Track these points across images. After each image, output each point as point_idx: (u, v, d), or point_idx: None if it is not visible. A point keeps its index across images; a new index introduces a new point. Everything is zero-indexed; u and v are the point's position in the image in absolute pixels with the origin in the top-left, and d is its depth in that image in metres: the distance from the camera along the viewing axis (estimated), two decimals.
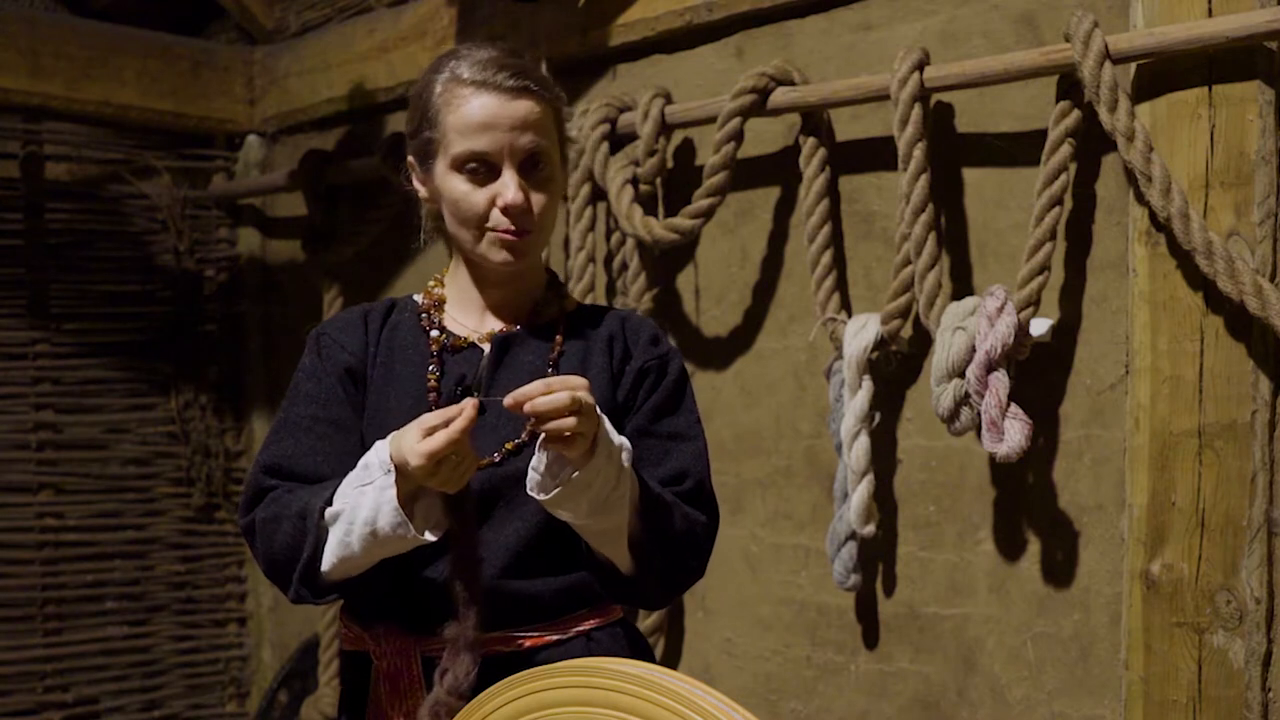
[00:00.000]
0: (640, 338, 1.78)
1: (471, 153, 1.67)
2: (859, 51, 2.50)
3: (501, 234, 1.69)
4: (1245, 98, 1.98)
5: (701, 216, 2.59)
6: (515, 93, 1.67)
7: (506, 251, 1.70)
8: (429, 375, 1.72)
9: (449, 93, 1.68)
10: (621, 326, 1.79)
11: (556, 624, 1.70)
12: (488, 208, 1.68)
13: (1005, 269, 2.28)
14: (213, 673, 4.01)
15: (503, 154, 1.67)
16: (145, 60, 3.75)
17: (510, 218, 1.68)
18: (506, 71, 1.67)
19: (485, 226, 1.69)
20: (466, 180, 1.68)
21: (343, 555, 1.60)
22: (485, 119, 1.66)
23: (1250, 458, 2.00)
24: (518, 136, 1.67)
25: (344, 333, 1.77)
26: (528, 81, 1.68)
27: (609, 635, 1.75)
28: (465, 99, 1.67)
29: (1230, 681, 2.01)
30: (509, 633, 1.67)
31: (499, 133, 1.66)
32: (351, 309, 1.84)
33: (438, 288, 1.82)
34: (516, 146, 1.67)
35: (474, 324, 1.77)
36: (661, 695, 1.35)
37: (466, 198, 1.68)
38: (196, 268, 3.96)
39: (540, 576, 1.69)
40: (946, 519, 2.40)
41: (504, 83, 1.66)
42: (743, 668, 2.74)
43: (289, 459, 1.70)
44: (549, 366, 1.74)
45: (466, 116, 1.66)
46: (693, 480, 1.71)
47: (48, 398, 3.73)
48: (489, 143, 1.66)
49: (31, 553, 3.69)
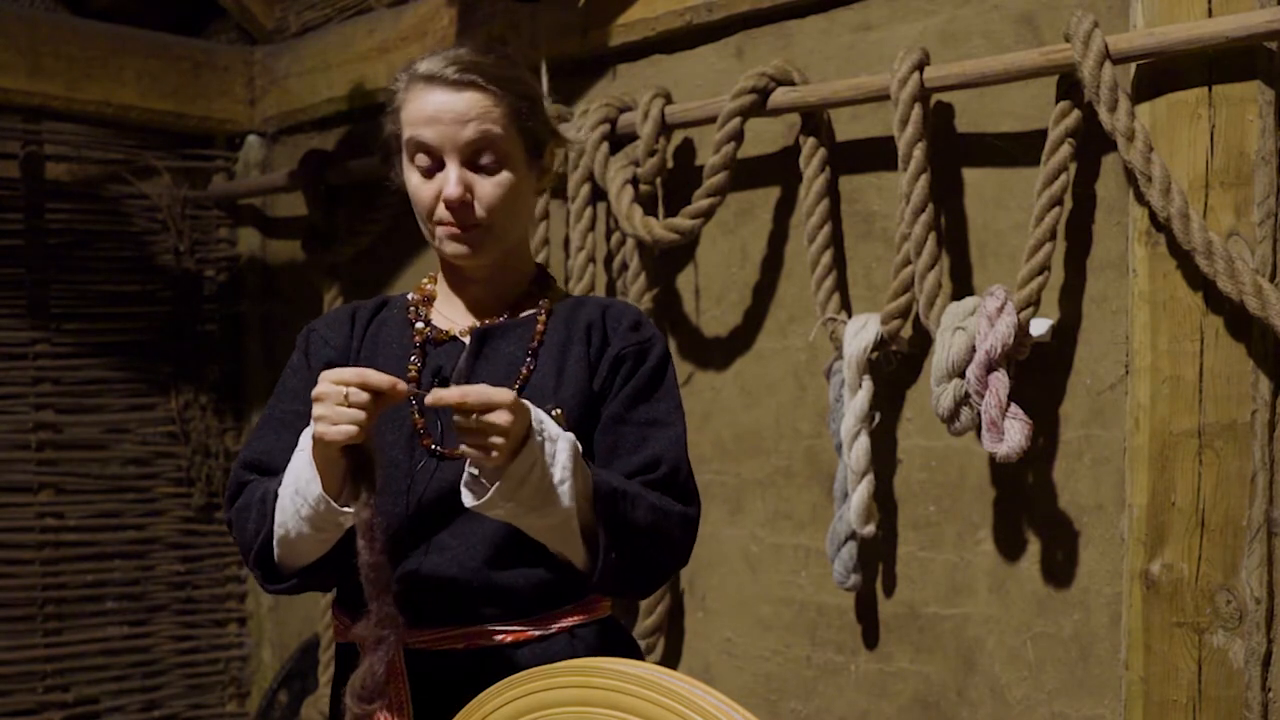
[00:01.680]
0: (621, 324, 1.76)
1: (418, 143, 1.69)
2: (859, 51, 2.50)
3: (447, 227, 1.70)
4: (1245, 98, 1.98)
5: (701, 216, 2.59)
6: (460, 85, 1.68)
7: (455, 244, 1.71)
8: (410, 366, 1.72)
9: (407, 88, 1.71)
10: (602, 315, 1.77)
11: (537, 620, 1.68)
12: (434, 201, 1.70)
13: (1005, 269, 2.28)
14: (213, 673, 4.00)
15: (445, 146, 1.68)
16: (145, 60, 3.74)
17: (450, 211, 1.69)
18: (456, 66, 1.69)
19: (434, 220, 1.71)
20: (418, 173, 1.71)
21: (280, 523, 1.60)
22: (432, 111, 1.68)
23: (1250, 458, 2.00)
24: (460, 129, 1.68)
25: (330, 329, 1.79)
26: (474, 75, 1.69)
27: (594, 633, 1.73)
28: (418, 92, 1.70)
29: (1230, 681, 2.01)
30: (488, 628, 1.66)
31: (442, 125, 1.68)
32: (343, 306, 1.86)
33: (430, 284, 1.83)
34: (460, 139, 1.68)
35: (458, 318, 1.78)
36: (661, 695, 1.35)
37: (416, 190, 1.72)
38: (196, 268, 3.96)
39: (522, 568, 1.67)
40: (946, 519, 2.40)
41: (450, 75, 1.68)
42: (743, 668, 2.74)
43: (268, 454, 1.72)
44: (527, 357, 1.73)
45: (417, 109, 1.69)
46: (666, 466, 1.68)
47: (48, 398, 3.73)
48: (433, 135, 1.68)
49: (32, 553, 3.69)
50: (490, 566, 1.66)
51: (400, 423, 1.70)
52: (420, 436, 1.68)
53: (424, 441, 1.68)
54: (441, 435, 1.68)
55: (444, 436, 1.67)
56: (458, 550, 1.66)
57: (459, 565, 1.66)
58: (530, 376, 1.72)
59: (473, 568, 1.66)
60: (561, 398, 1.70)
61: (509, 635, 1.67)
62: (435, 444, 1.68)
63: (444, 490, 1.66)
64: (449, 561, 1.66)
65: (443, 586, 1.66)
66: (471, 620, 1.66)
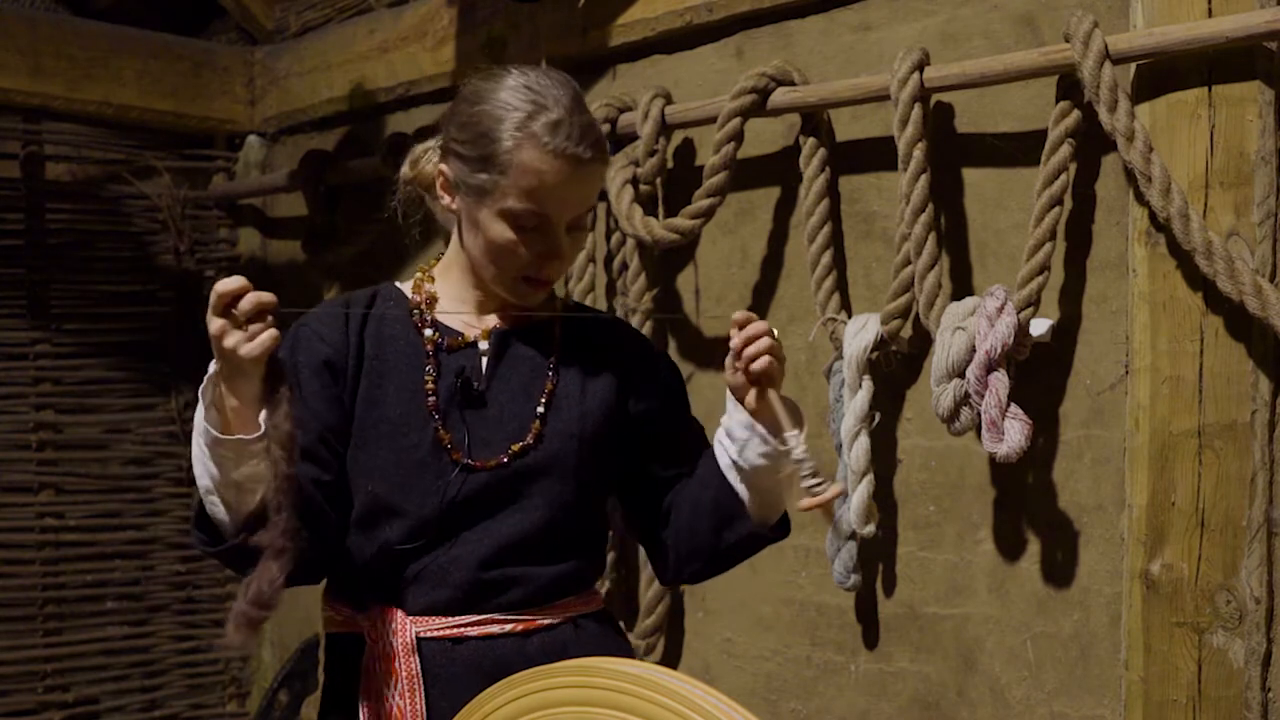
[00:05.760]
0: (642, 347, 1.90)
1: (533, 213, 1.67)
2: (859, 51, 2.50)
3: (530, 279, 1.72)
4: (1245, 98, 1.98)
5: (701, 217, 2.59)
6: (589, 164, 1.68)
7: (529, 293, 1.74)
8: (426, 376, 1.73)
9: (522, 149, 1.64)
10: (620, 333, 1.89)
11: (547, 609, 1.76)
12: (527, 258, 1.70)
13: (1005, 269, 2.28)
14: (213, 673, 4.01)
15: (557, 217, 1.69)
16: (146, 60, 3.75)
17: (548, 269, 1.72)
18: (585, 143, 1.66)
19: (520, 273, 1.71)
20: (513, 230, 1.68)
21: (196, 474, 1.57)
22: (556, 187, 1.66)
23: (1250, 458, 2.00)
24: (577, 202, 1.70)
25: (324, 325, 1.76)
26: (601, 152, 1.70)
27: (594, 622, 1.82)
28: (539, 164, 1.64)
29: (1230, 681, 2.01)
30: (499, 616, 1.73)
31: (564, 200, 1.68)
32: (334, 301, 1.83)
33: (428, 283, 1.81)
34: (574, 212, 1.70)
35: (469, 319, 1.79)
36: (661, 695, 1.36)
37: (510, 247, 1.69)
38: (196, 268, 3.96)
39: (537, 564, 1.75)
40: (946, 519, 2.40)
41: (582, 155, 1.66)
42: (743, 668, 2.74)
43: None
44: (549, 370, 1.78)
45: (539, 183, 1.65)
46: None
47: (48, 398, 3.73)
48: (551, 206, 1.67)
49: (32, 553, 3.69)
50: (509, 561, 1.73)
51: (420, 427, 1.72)
52: (449, 450, 1.72)
53: (454, 455, 1.72)
54: (469, 448, 1.72)
55: (471, 449, 1.72)
56: (480, 546, 1.72)
57: (480, 559, 1.72)
58: (556, 387, 1.78)
59: (492, 562, 1.72)
60: (587, 408, 1.79)
61: (519, 624, 1.74)
62: (466, 455, 1.72)
63: (473, 496, 1.72)
64: (470, 555, 1.72)
65: (462, 578, 1.72)
66: (486, 609, 1.72)
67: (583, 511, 1.79)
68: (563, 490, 1.76)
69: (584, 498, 1.79)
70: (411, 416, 1.72)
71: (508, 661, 1.68)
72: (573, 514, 1.77)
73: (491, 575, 1.72)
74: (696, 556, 1.81)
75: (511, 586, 1.73)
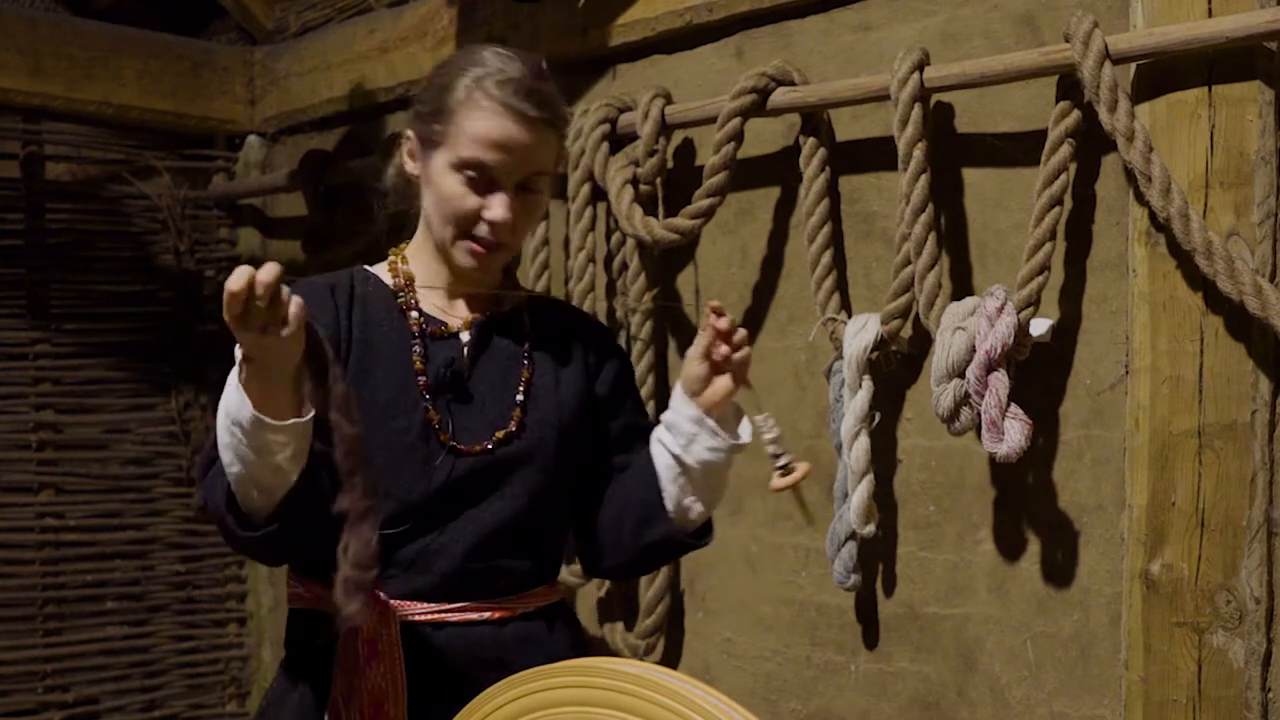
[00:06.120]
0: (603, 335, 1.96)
1: (478, 162, 1.71)
2: (859, 51, 2.50)
3: (477, 242, 1.74)
4: (1245, 98, 1.98)
5: (701, 216, 2.59)
6: (535, 123, 1.71)
7: (474, 259, 1.76)
8: (415, 358, 1.76)
9: (472, 100, 1.70)
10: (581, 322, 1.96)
11: (519, 598, 1.80)
12: (475, 215, 1.73)
13: (1005, 269, 2.28)
14: (213, 673, 4.00)
15: (503, 174, 1.72)
16: (146, 60, 3.74)
17: (492, 230, 1.73)
18: (535, 102, 1.70)
19: (466, 231, 1.74)
20: (463, 183, 1.73)
21: (228, 462, 1.56)
22: (501, 139, 1.70)
23: (1250, 458, 2.00)
24: (523, 161, 1.72)
25: (313, 304, 1.72)
26: (549, 114, 1.73)
27: (559, 614, 1.87)
28: (486, 113, 1.70)
29: (1230, 681, 2.01)
30: (478, 604, 1.76)
31: (509, 156, 1.71)
32: (315, 280, 1.84)
33: (403, 264, 1.85)
34: (520, 170, 1.72)
35: (444, 306, 1.83)
36: (661, 695, 1.36)
37: (459, 199, 1.73)
38: (196, 268, 3.96)
39: (515, 555, 1.79)
40: (946, 519, 2.40)
41: (528, 111, 1.70)
42: (743, 668, 2.74)
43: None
44: (524, 358, 1.82)
45: (483, 130, 1.70)
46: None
47: (48, 398, 3.72)
48: (496, 160, 1.71)
49: (31, 553, 3.68)
50: (493, 551, 1.77)
51: (410, 410, 1.73)
52: (437, 432, 1.74)
53: (441, 436, 1.74)
54: (455, 432, 1.75)
55: (458, 433, 1.75)
56: (465, 535, 1.75)
57: (465, 549, 1.75)
58: (532, 376, 1.82)
59: (478, 552, 1.75)
60: (562, 399, 1.84)
61: (497, 612, 1.78)
62: (452, 439, 1.74)
63: (459, 482, 1.75)
64: (456, 545, 1.75)
65: (448, 567, 1.75)
66: (467, 596, 1.76)
67: (557, 502, 1.85)
68: (542, 480, 1.80)
69: (559, 488, 1.84)
70: (401, 399, 1.74)
71: (484, 645, 1.74)
72: (550, 504, 1.83)
73: (477, 566, 1.75)
74: (617, 553, 1.86)
75: (495, 577, 1.77)
